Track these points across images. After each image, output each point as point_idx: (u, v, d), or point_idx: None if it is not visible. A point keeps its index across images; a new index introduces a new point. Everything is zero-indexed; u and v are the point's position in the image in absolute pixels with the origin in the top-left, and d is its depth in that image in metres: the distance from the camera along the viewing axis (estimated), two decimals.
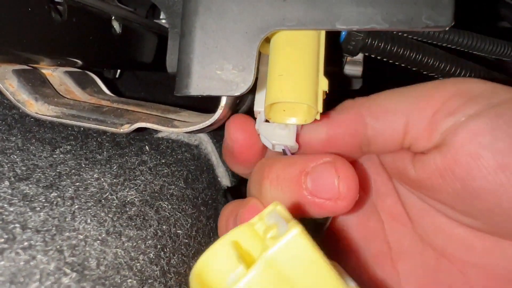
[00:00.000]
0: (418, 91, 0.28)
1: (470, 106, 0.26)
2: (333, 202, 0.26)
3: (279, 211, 0.23)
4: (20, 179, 0.25)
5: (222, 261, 0.22)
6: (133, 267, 0.25)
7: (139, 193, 0.29)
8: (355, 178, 0.27)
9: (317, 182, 0.27)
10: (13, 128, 0.30)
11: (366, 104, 0.28)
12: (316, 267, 0.21)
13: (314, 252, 0.20)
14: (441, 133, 0.26)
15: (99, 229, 0.25)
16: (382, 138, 0.28)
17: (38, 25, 0.28)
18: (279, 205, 0.23)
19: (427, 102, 0.27)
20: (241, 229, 0.23)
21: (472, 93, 0.26)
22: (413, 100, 0.27)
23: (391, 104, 0.28)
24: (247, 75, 0.27)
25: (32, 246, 0.21)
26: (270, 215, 0.23)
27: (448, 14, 0.26)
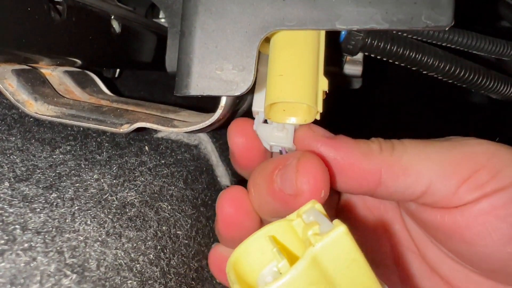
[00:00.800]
0: (445, 156, 0.27)
1: (498, 180, 0.26)
2: (293, 198, 0.26)
3: (318, 209, 0.23)
4: (20, 180, 0.25)
5: (260, 255, 0.23)
6: (133, 268, 0.25)
7: (139, 194, 0.29)
8: (319, 174, 0.26)
9: (284, 178, 0.27)
10: (13, 128, 0.30)
11: (389, 161, 0.27)
12: (357, 266, 0.21)
13: (357, 252, 0.21)
14: (463, 203, 0.26)
15: (99, 230, 0.25)
16: (393, 195, 0.28)
17: (38, 25, 0.27)
18: (317, 203, 0.23)
19: (455, 171, 0.26)
20: (278, 224, 0.23)
21: (500, 166, 0.26)
22: (441, 165, 0.27)
23: (416, 167, 0.27)
24: (247, 75, 0.27)
25: (32, 247, 0.21)
26: (309, 212, 0.23)
27: (448, 14, 0.26)
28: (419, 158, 0.27)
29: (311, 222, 0.22)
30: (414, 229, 0.32)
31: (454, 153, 0.27)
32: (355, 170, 0.27)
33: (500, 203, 0.25)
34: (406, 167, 0.27)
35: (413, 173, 0.26)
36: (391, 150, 0.27)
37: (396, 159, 0.27)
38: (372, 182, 0.27)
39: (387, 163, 0.27)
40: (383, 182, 0.27)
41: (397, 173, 0.27)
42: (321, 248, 0.20)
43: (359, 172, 0.27)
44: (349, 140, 0.28)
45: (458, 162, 0.26)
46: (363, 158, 0.27)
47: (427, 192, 0.27)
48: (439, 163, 0.26)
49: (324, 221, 0.22)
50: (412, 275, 0.32)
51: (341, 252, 0.20)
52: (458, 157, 0.27)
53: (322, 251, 0.20)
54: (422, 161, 0.27)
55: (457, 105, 0.70)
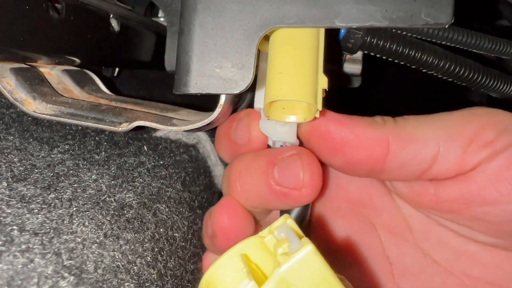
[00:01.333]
0: (449, 120, 0.27)
1: (505, 136, 0.26)
2: (298, 191, 0.27)
3: (290, 225, 0.23)
4: (18, 179, 0.25)
5: (232, 274, 0.22)
6: (130, 270, 0.24)
7: (137, 196, 0.29)
8: (319, 169, 0.28)
9: (284, 172, 0.28)
10: (11, 128, 0.30)
11: (394, 130, 0.27)
12: (328, 285, 0.21)
13: (326, 270, 0.21)
14: (475, 163, 0.26)
15: (97, 232, 0.24)
16: (403, 167, 0.28)
17: (36, 23, 0.27)
18: (289, 219, 0.23)
19: (460, 133, 0.27)
20: (251, 241, 0.23)
21: (504, 125, 0.26)
22: (445, 129, 0.27)
23: (421, 133, 0.27)
24: (246, 73, 0.27)
25: (30, 249, 0.21)
26: (281, 228, 0.23)
27: (448, 11, 0.25)
28: (422, 126, 0.27)
29: (282, 239, 0.22)
30: (409, 214, 0.32)
31: (456, 116, 0.27)
32: (363, 141, 0.27)
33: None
34: (412, 134, 0.27)
35: (419, 139, 0.27)
36: (394, 122, 0.28)
37: (401, 128, 0.27)
38: (381, 151, 0.27)
39: (393, 131, 0.27)
40: (392, 152, 0.27)
41: (405, 140, 0.27)
42: (288, 269, 0.20)
43: (368, 142, 0.27)
44: (352, 116, 0.28)
45: (461, 123, 0.27)
46: (369, 128, 0.27)
47: (438, 158, 0.27)
48: (443, 126, 0.27)
49: (293, 238, 0.22)
50: (406, 268, 0.31)
51: (309, 271, 0.20)
52: (460, 119, 0.27)
53: (289, 271, 0.20)
54: (426, 127, 0.27)
55: (456, 104, 0.70)
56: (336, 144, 0.28)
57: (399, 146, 0.27)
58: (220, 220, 0.29)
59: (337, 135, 0.28)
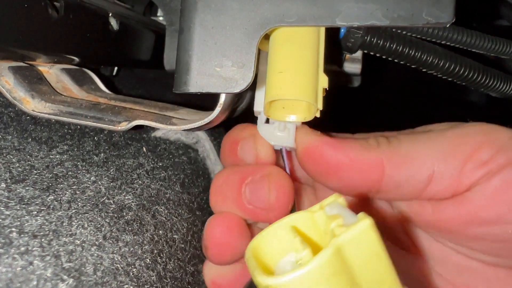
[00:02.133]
0: (443, 140, 0.27)
1: (501, 156, 0.26)
2: (265, 212, 0.29)
3: (341, 203, 0.22)
4: (17, 181, 0.25)
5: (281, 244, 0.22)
6: (129, 272, 0.24)
7: (136, 198, 0.29)
8: (288, 191, 0.29)
9: (253, 192, 0.29)
10: (9, 127, 0.30)
11: (388, 152, 0.27)
12: (379, 261, 0.21)
13: (381, 246, 0.20)
14: (471, 183, 0.26)
15: (96, 234, 0.24)
16: (399, 188, 0.28)
17: (35, 22, 0.27)
18: (341, 197, 0.23)
19: (455, 153, 0.27)
20: (300, 215, 0.23)
21: (501, 143, 0.26)
22: (440, 150, 0.27)
23: (416, 153, 0.27)
24: (246, 72, 0.27)
25: (29, 251, 0.21)
26: (332, 205, 0.23)
27: (449, 10, 0.25)
28: (417, 146, 0.27)
29: (334, 215, 0.22)
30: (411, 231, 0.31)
31: (450, 136, 0.27)
32: (358, 164, 0.27)
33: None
34: (406, 155, 0.27)
35: (414, 160, 0.27)
36: (387, 143, 0.28)
37: (395, 149, 0.27)
38: (376, 174, 0.27)
39: (387, 153, 0.27)
40: (386, 173, 0.27)
41: (399, 162, 0.27)
42: (346, 239, 0.20)
43: (362, 165, 0.27)
44: (346, 138, 0.29)
45: (456, 143, 0.27)
46: (364, 151, 0.27)
47: (433, 178, 0.27)
48: (437, 147, 0.27)
49: (348, 214, 0.21)
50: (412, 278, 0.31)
51: (365, 245, 0.20)
52: (455, 139, 0.27)
53: (346, 242, 0.20)
54: (420, 148, 0.27)
55: (455, 103, 0.70)
56: (331, 168, 0.28)
57: (394, 168, 0.27)
58: (213, 233, 0.29)
59: (332, 160, 0.28)
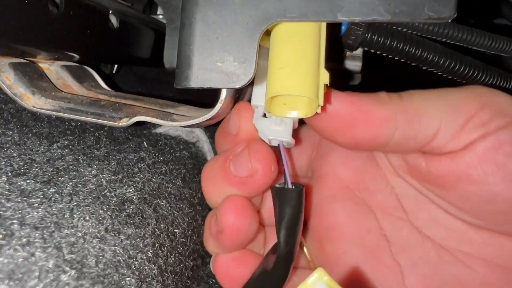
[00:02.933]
0: (452, 96, 0.28)
1: (500, 118, 0.27)
2: (252, 177, 0.31)
3: (327, 283, 0.22)
4: (18, 174, 0.25)
5: None
6: (131, 265, 0.24)
7: (138, 191, 0.29)
8: (266, 153, 0.31)
9: (236, 164, 0.31)
10: (10, 123, 0.30)
11: (401, 106, 0.28)
12: None
13: None
14: (468, 141, 0.27)
15: (98, 226, 0.24)
16: (407, 142, 0.29)
17: (35, 18, 0.27)
18: (326, 275, 0.23)
19: (461, 110, 0.27)
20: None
21: (501, 106, 0.27)
22: (448, 105, 0.28)
23: (426, 108, 0.28)
24: (248, 67, 0.27)
25: (30, 242, 0.21)
26: (318, 285, 0.22)
27: (451, 5, 0.25)
28: (428, 101, 0.28)
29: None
30: (403, 193, 0.32)
31: (459, 93, 0.28)
32: (372, 118, 0.28)
33: (505, 140, 0.26)
34: (418, 109, 0.28)
35: (425, 115, 0.28)
36: (400, 98, 0.28)
37: (408, 104, 0.28)
38: (389, 128, 0.28)
39: (401, 108, 0.28)
40: (398, 127, 0.28)
41: (412, 116, 0.28)
42: None
43: (377, 121, 0.28)
44: (358, 94, 0.29)
45: (463, 101, 0.28)
46: (377, 105, 0.28)
47: (437, 134, 0.28)
48: (446, 102, 0.28)
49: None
50: (403, 244, 0.32)
51: None
52: (463, 97, 0.28)
53: None
54: (431, 102, 0.28)
55: None
56: (345, 124, 0.29)
57: (406, 122, 0.28)
58: (227, 217, 0.30)
59: (346, 115, 0.28)
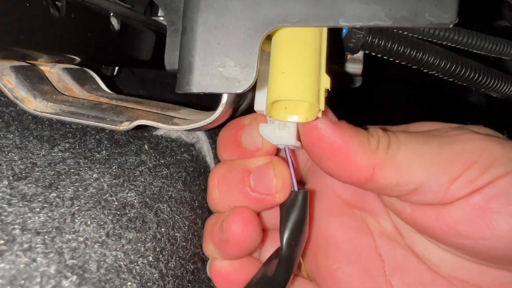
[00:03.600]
0: (438, 154, 0.28)
1: (488, 174, 0.26)
2: (272, 196, 0.31)
3: None
4: (19, 178, 0.25)
5: None
6: (132, 270, 0.24)
7: (139, 195, 0.29)
8: (290, 175, 0.31)
9: (258, 180, 0.31)
10: (11, 126, 0.30)
11: (384, 158, 0.28)
12: None
13: None
14: (454, 198, 0.27)
15: (99, 231, 0.24)
16: (383, 190, 0.29)
17: (36, 21, 0.27)
18: None
19: (446, 170, 0.27)
20: None
21: (491, 161, 0.27)
22: (432, 165, 0.27)
23: (410, 163, 0.27)
24: (249, 72, 0.27)
25: (32, 248, 0.21)
26: None
27: (452, 11, 0.25)
28: (412, 157, 0.27)
29: None
30: (399, 221, 0.32)
31: (446, 151, 0.27)
32: (350, 161, 0.28)
33: (491, 196, 0.26)
34: (399, 165, 0.27)
35: (405, 172, 0.27)
36: (387, 148, 0.28)
37: (391, 157, 0.28)
38: (364, 176, 0.28)
39: (382, 161, 0.27)
40: (374, 178, 0.28)
41: (390, 172, 0.27)
42: None
43: (354, 165, 0.28)
44: (351, 128, 0.29)
45: (450, 160, 0.27)
46: (360, 151, 0.28)
47: (418, 190, 0.27)
48: (431, 161, 0.27)
49: None
50: (398, 266, 0.32)
51: None
52: (450, 155, 0.27)
53: None
54: (415, 160, 0.27)
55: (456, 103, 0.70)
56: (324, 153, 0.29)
57: (383, 176, 0.28)
58: (235, 228, 0.30)
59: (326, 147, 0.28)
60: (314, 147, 0.29)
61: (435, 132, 0.30)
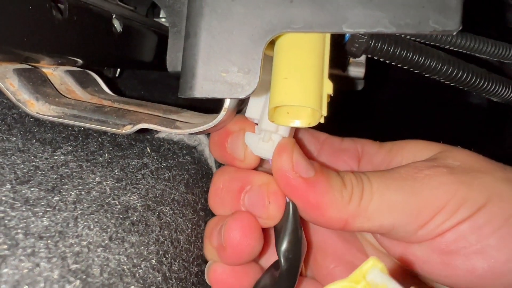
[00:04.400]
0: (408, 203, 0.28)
1: (454, 218, 0.28)
2: (263, 220, 0.30)
3: (382, 271, 0.22)
4: (22, 182, 0.25)
5: None
6: (135, 273, 0.24)
7: (141, 198, 0.29)
8: (283, 202, 0.30)
9: (252, 201, 0.31)
10: (13, 129, 0.30)
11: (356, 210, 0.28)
12: None
13: None
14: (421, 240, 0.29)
15: (102, 235, 0.24)
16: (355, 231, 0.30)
17: (39, 23, 0.27)
18: (381, 264, 0.22)
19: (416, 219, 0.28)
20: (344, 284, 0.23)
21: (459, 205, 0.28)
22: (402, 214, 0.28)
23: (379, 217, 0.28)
24: (252, 78, 0.27)
25: (35, 253, 0.21)
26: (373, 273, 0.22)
27: (456, 18, 0.25)
28: (383, 208, 0.28)
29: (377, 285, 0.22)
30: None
31: (416, 199, 0.28)
32: (324, 216, 0.29)
33: (452, 240, 0.28)
34: (370, 216, 0.28)
35: (376, 222, 0.29)
36: (359, 199, 0.29)
37: (363, 210, 0.29)
38: (337, 226, 0.29)
39: (354, 214, 0.28)
40: (347, 227, 0.29)
41: (362, 222, 0.29)
42: None
43: (327, 218, 0.29)
44: (323, 184, 0.29)
45: (419, 209, 0.28)
46: (333, 207, 0.28)
47: (388, 233, 0.29)
48: (402, 211, 0.28)
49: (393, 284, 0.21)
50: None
51: None
52: (419, 204, 0.28)
53: None
54: (386, 211, 0.28)
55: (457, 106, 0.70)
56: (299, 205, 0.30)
57: (355, 226, 0.29)
58: (233, 235, 0.30)
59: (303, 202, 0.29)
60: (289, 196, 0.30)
61: (409, 172, 0.30)
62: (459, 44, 0.41)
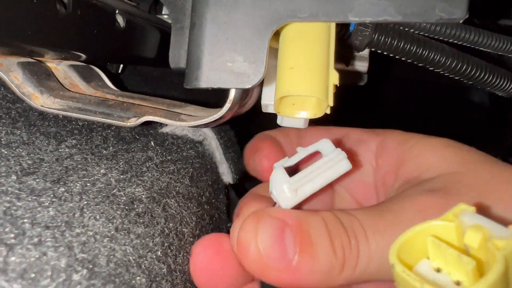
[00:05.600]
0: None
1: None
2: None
3: (473, 211, 0.22)
4: (27, 173, 0.25)
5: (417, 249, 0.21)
6: (141, 264, 0.24)
7: (146, 190, 0.29)
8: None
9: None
10: (17, 122, 0.30)
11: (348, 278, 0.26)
12: None
13: None
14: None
15: (108, 225, 0.24)
16: None
17: (43, 17, 0.27)
18: (469, 206, 0.22)
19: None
20: (438, 223, 0.22)
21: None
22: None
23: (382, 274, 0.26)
24: (258, 67, 0.27)
25: (42, 242, 0.21)
26: (466, 215, 0.22)
27: (462, 6, 0.25)
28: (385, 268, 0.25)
29: (475, 226, 0.21)
30: None
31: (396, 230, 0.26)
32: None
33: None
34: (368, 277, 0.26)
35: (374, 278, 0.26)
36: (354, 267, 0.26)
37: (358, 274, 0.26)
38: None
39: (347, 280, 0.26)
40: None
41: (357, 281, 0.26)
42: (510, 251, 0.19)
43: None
44: (308, 263, 0.25)
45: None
46: (319, 284, 0.25)
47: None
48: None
49: (494, 225, 0.21)
50: None
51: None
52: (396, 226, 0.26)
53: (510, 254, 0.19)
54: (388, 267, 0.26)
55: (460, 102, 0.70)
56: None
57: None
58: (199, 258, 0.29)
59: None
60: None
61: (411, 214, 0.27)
62: (463, 37, 0.41)
